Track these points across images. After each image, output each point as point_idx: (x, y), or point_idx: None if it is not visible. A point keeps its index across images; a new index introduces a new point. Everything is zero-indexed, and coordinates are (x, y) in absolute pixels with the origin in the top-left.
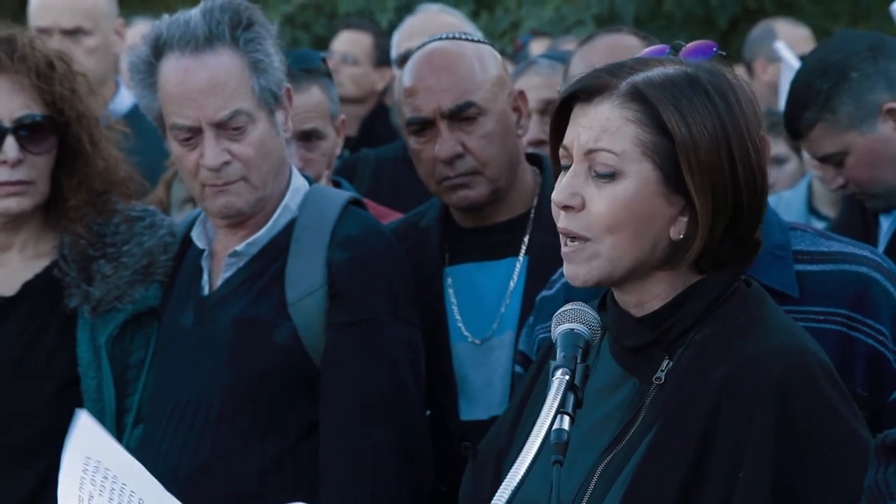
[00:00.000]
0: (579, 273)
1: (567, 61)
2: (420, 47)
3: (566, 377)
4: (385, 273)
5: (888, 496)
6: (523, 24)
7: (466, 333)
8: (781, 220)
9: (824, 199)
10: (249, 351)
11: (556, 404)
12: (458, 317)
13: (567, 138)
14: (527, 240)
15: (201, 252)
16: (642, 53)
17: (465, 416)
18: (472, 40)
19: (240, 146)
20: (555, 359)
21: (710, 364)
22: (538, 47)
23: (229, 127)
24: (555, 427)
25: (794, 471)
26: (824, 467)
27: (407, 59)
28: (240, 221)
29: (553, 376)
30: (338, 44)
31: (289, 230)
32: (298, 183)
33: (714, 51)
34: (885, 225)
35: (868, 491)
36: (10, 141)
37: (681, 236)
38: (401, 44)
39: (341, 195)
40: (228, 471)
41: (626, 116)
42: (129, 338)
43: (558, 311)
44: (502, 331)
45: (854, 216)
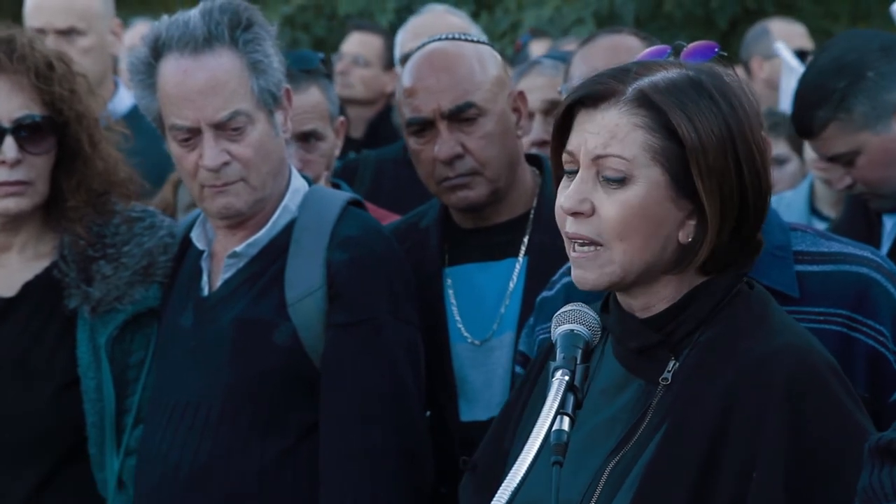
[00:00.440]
0: (589, 278)
1: (567, 62)
2: (420, 48)
3: (566, 378)
4: (385, 274)
5: (883, 498)
6: (523, 23)
7: (466, 334)
8: (782, 220)
9: (826, 199)
10: (249, 351)
11: (555, 405)
12: (457, 317)
13: (572, 144)
14: (526, 240)
15: (201, 253)
16: (643, 54)
17: (465, 417)
18: (471, 41)
19: (239, 147)
20: (555, 360)
21: (716, 364)
22: (538, 48)
23: (228, 128)
24: (555, 428)
25: (806, 471)
26: (836, 466)
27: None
28: (239, 222)
29: (553, 377)
30: (348, 45)
31: (288, 231)
32: (298, 184)
33: (715, 51)
34: (889, 225)
35: (863, 493)
36: (9, 141)
37: (689, 240)
38: (405, 44)
39: (341, 196)
40: (228, 471)
41: (634, 122)
42: (129, 338)
43: (558, 312)
44: (502, 331)
45: (857, 216)
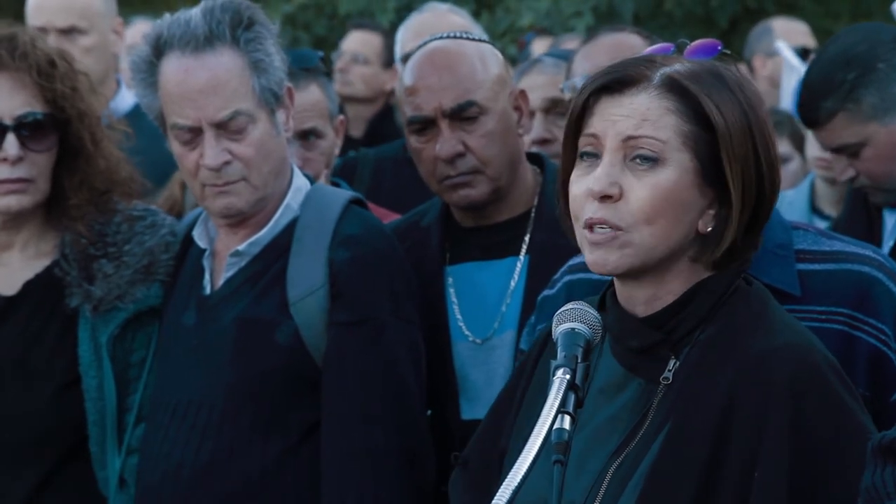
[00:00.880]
0: (610, 259)
1: (569, 60)
2: (421, 46)
3: (567, 377)
4: (386, 272)
5: (885, 497)
6: (520, 18)
7: (467, 333)
8: (783, 219)
9: (826, 198)
10: (251, 350)
11: (556, 404)
12: (458, 316)
13: (597, 127)
14: (527, 239)
15: (203, 251)
16: (646, 52)
17: (466, 416)
18: (473, 39)
19: (240, 146)
20: (555, 358)
21: (717, 363)
22: (541, 46)
23: (229, 127)
24: (556, 427)
25: (809, 470)
26: (838, 465)
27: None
28: (241, 221)
29: (554, 376)
30: (348, 43)
31: (290, 230)
32: (300, 182)
33: (718, 50)
34: (890, 223)
35: (865, 492)
36: (11, 138)
37: (708, 229)
38: (406, 43)
39: (343, 194)
40: (230, 470)
41: (665, 106)
42: (131, 337)
43: (559, 311)
44: (503, 330)
45: (858, 214)
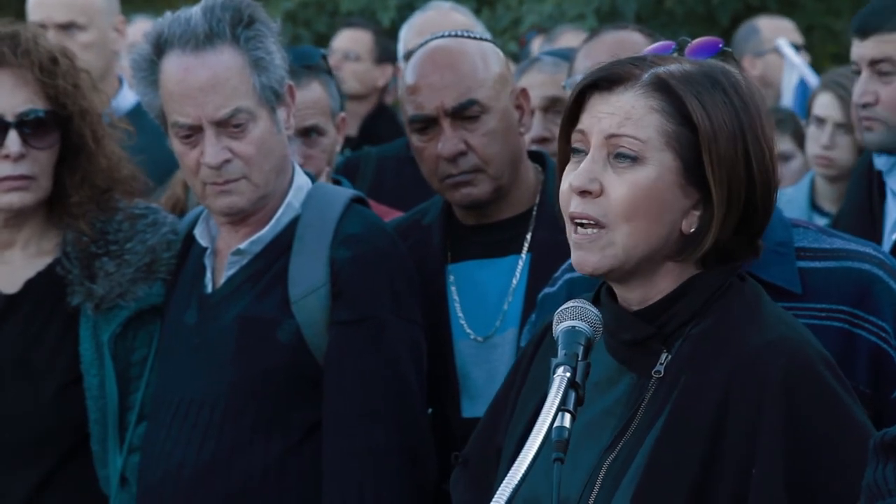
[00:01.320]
0: (591, 260)
1: (571, 58)
2: (422, 45)
3: (567, 374)
4: (387, 271)
5: (887, 493)
6: (524, 20)
7: (469, 331)
8: (784, 216)
9: (826, 195)
10: (253, 349)
11: (557, 402)
12: (460, 314)
13: (584, 123)
14: (529, 237)
15: (204, 250)
16: (648, 50)
17: (468, 414)
18: (474, 38)
19: (241, 144)
20: (555, 355)
21: (710, 357)
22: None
23: (230, 125)
24: (556, 424)
25: (805, 465)
26: (834, 460)
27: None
28: (242, 218)
29: (554, 374)
30: (338, 42)
31: (292, 228)
32: (301, 181)
33: (720, 47)
34: (891, 219)
35: (867, 489)
36: (13, 135)
37: (692, 230)
38: (409, 41)
39: (344, 193)
40: (232, 469)
41: (650, 105)
42: (132, 335)
43: (559, 309)
44: (505, 328)
45: (859, 208)
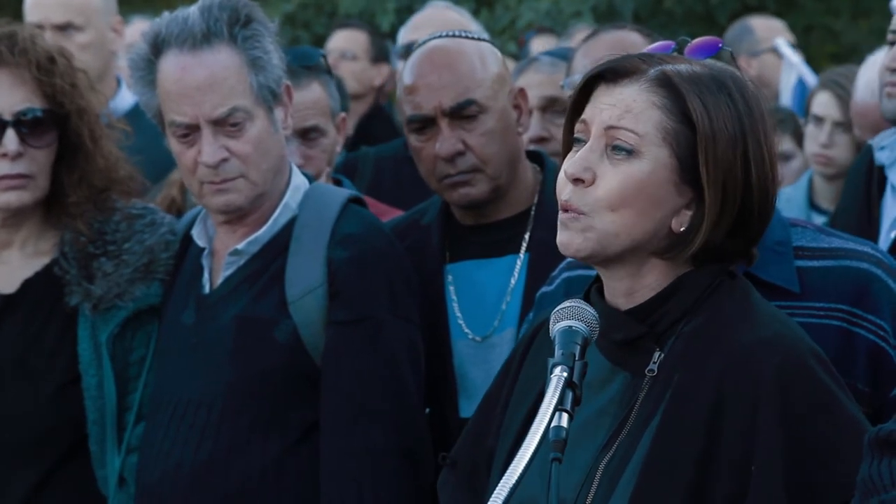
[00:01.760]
0: (573, 241)
1: (570, 58)
2: (420, 45)
3: (565, 374)
4: (385, 271)
5: (882, 489)
6: (521, 18)
7: (467, 331)
8: (782, 216)
9: (825, 194)
10: (250, 349)
11: (554, 401)
12: (458, 314)
13: (587, 113)
14: (527, 237)
15: (202, 250)
16: (648, 49)
17: (466, 414)
18: (472, 38)
19: (238, 143)
20: (552, 355)
21: (703, 355)
22: (541, 44)
23: (227, 124)
24: (553, 424)
25: (803, 463)
26: (830, 457)
27: (409, 51)
28: (240, 218)
29: (551, 374)
30: (334, 42)
31: (289, 228)
32: (298, 181)
33: (719, 47)
34: (888, 217)
35: (862, 484)
36: (11, 134)
37: (682, 229)
38: (404, 36)
39: (341, 193)
40: (230, 469)
41: (652, 101)
42: (130, 336)
43: (556, 309)
44: (503, 328)
45: (856, 206)
